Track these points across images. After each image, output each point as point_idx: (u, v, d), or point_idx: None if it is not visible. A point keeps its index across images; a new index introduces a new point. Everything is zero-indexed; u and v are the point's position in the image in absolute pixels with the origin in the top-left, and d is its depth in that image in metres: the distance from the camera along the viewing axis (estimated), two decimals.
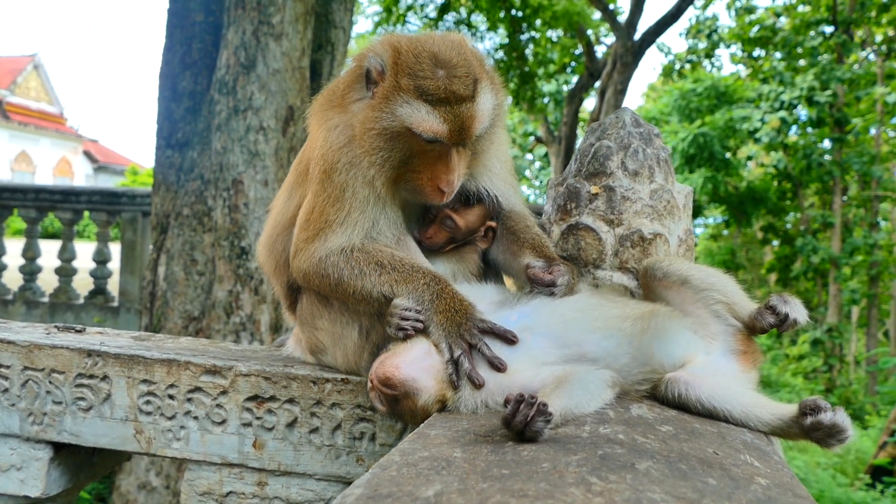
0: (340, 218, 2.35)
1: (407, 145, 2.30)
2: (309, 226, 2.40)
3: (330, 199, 2.36)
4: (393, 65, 2.28)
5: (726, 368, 2.13)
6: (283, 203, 2.72)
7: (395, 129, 2.27)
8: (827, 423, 1.86)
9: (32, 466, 2.76)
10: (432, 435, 1.75)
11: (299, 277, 2.48)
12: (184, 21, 7.30)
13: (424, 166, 2.32)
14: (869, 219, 23.94)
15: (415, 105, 2.23)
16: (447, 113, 2.22)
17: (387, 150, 2.30)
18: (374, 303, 2.29)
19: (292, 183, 2.69)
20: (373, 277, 2.28)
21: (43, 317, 10.24)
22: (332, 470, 2.56)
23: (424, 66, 2.23)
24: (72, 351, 2.73)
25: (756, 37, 25.06)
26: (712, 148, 22.73)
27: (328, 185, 2.37)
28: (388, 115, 2.27)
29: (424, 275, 2.26)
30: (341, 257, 2.33)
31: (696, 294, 2.17)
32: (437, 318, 2.15)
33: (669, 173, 2.57)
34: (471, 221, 2.53)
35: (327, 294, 2.45)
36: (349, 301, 2.37)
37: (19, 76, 47.09)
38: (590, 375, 1.97)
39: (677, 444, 1.68)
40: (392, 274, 2.27)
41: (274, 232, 2.74)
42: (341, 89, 2.48)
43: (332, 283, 2.34)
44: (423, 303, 2.19)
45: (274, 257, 2.74)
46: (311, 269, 2.38)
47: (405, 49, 2.28)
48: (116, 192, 10.77)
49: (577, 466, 1.44)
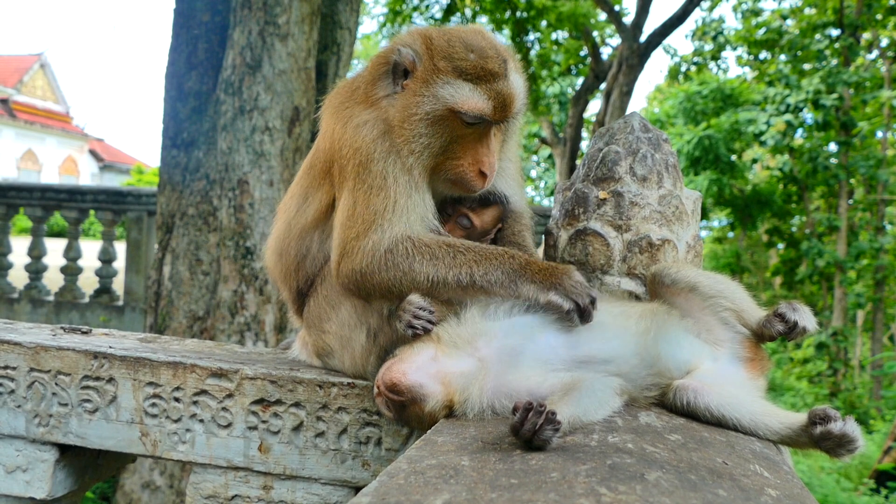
0: (389, 206, 2.27)
1: (448, 130, 2.29)
2: (356, 222, 2.29)
3: (373, 190, 2.29)
4: (426, 51, 2.30)
5: (734, 376, 2.12)
6: (296, 207, 2.62)
7: (437, 113, 2.27)
8: (837, 432, 1.85)
9: (38, 468, 2.76)
10: (440, 442, 1.74)
11: (351, 281, 2.32)
12: (190, 21, 7.30)
13: (465, 151, 2.32)
14: (875, 222, 23.84)
15: (456, 85, 2.25)
16: (488, 90, 2.25)
17: (428, 136, 2.29)
18: (451, 289, 2.19)
19: (307, 187, 2.60)
20: (447, 260, 2.21)
21: (48, 315, 10.26)
22: (338, 474, 2.56)
23: (458, 49, 2.27)
24: (78, 353, 2.72)
25: (762, 39, 24.99)
26: (718, 150, 22.67)
27: (367, 176, 2.30)
28: (429, 99, 2.27)
29: (503, 251, 2.22)
30: (408, 244, 2.24)
31: (704, 301, 2.16)
32: (536, 277, 2.12)
33: (678, 179, 2.55)
34: (486, 222, 2.53)
35: (387, 290, 2.28)
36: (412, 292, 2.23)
37: (26, 75, 47.27)
38: (598, 383, 1.96)
39: (686, 454, 1.67)
40: (468, 254, 2.21)
41: (287, 237, 2.64)
42: (364, 87, 2.45)
43: (400, 275, 2.23)
44: (512, 272, 2.14)
45: (284, 263, 2.66)
46: (374, 265, 2.25)
47: (435, 36, 2.32)
48: (122, 191, 10.79)
49: (586, 476, 1.43)
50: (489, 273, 2.16)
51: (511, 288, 2.14)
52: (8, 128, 44.80)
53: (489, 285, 2.16)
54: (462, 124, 2.28)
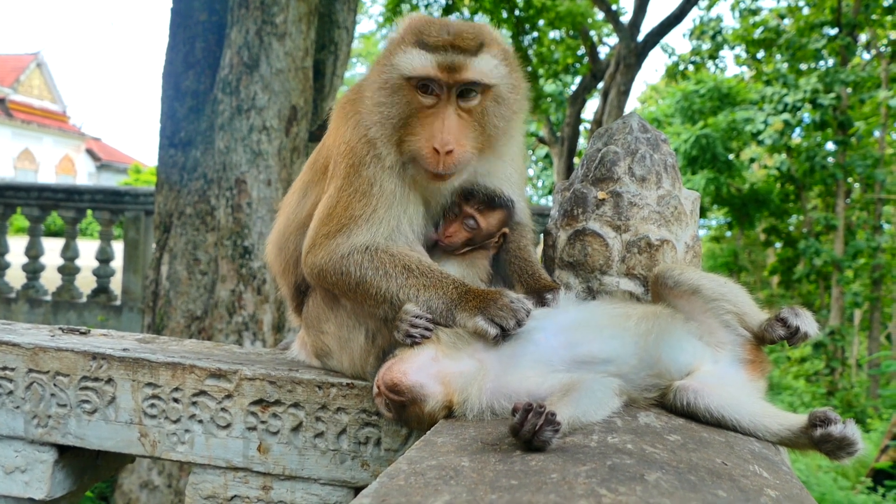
0: (367, 214, 2.30)
1: (405, 100, 2.28)
2: (331, 220, 2.34)
3: (357, 194, 2.31)
4: (405, 29, 2.33)
5: (734, 377, 2.12)
6: (296, 202, 2.67)
7: (394, 82, 2.28)
8: (837, 435, 1.85)
9: (37, 469, 2.76)
10: (440, 443, 1.74)
11: (312, 274, 2.40)
12: (187, 20, 7.30)
13: (422, 127, 2.27)
14: (872, 222, 23.90)
15: (411, 52, 2.25)
16: (441, 57, 2.21)
17: (387, 105, 2.29)
18: (394, 306, 2.24)
19: (307, 182, 2.64)
20: (399, 279, 2.24)
21: (46, 315, 10.25)
22: (337, 475, 2.56)
23: (433, 28, 2.28)
24: (76, 354, 2.72)
25: (760, 38, 25.02)
26: (715, 149, 22.68)
27: (355, 179, 2.32)
28: (388, 68, 2.29)
29: (452, 280, 2.25)
30: (366, 256, 2.28)
31: (706, 304, 2.16)
32: (469, 304, 2.14)
33: (677, 179, 2.56)
34: (492, 224, 2.53)
35: (341, 293, 2.38)
36: (365, 302, 2.31)
37: (22, 74, 47.16)
38: (597, 383, 1.96)
39: (686, 455, 1.67)
40: (420, 278, 2.24)
41: (286, 231, 2.69)
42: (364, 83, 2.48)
43: (352, 283, 2.29)
44: (450, 302, 2.17)
45: (284, 257, 2.70)
46: (330, 266, 2.32)
47: (421, 20, 2.35)
48: (119, 190, 10.78)
49: (586, 478, 1.43)
50: (431, 300, 2.21)
51: (448, 316, 2.18)
52: (4, 127, 44.70)
53: (430, 311, 2.20)
54: (417, 93, 2.26)
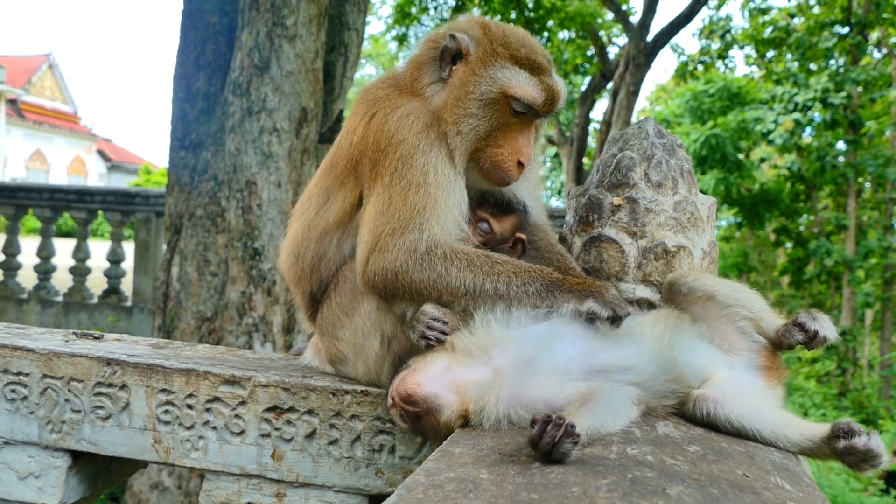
0: (430, 204, 2.22)
1: (497, 115, 2.33)
2: (392, 218, 2.22)
3: (412, 186, 2.23)
4: (484, 36, 2.37)
5: (752, 385, 2.09)
6: (316, 208, 2.55)
7: (491, 95, 2.31)
8: (861, 448, 1.82)
9: (51, 474, 2.76)
10: (457, 453, 1.72)
11: (381, 279, 2.24)
12: (198, 22, 7.31)
13: (506, 140, 2.35)
14: (883, 221, 23.73)
15: (513, 70, 2.32)
16: (540, 81, 2.33)
17: (478, 117, 2.31)
18: (476, 298, 2.16)
19: (327, 187, 2.52)
20: (486, 268, 2.19)
21: (57, 316, 10.30)
22: (351, 482, 2.55)
23: (512, 39, 2.36)
24: (91, 359, 2.72)
25: (770, 38, 24.87)
26: (724, 149, 22.59)
27: (407, 171, 2.25)
28: (486, 80, 2.31)
29: (535, 266, 2.22)
30: (448, 248, 2.21)
31: (721, 310, 2.13)
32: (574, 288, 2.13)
33: (693, 184, 2.53)
34: (505, 229, 2.52)
35: (417, 292, 2.22)
36: (440, 298, 2.19)
37: (34, 75, 47.40)
38: (614, 392, 1.94)
39: (707, 466, 1.65)
40: (506, 265, 2.20)
41: (306, 239, 2.57)
42: (408, 76, 2.46)
43: (436, 277, 2.18)
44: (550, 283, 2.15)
45: (301, 264, 2.59)
46: (410, 265, 2.19)
47: (492, 25, 2.40)
48: (130, 192, 10.83)
49: (607, 492, 1.41)
50: (528, 284, 2.16)
51: (547, 297, 2.13)
52: (17, 128, 44.93)
53: (525, 296, 2.15)
54: (509, 112, 2.33)
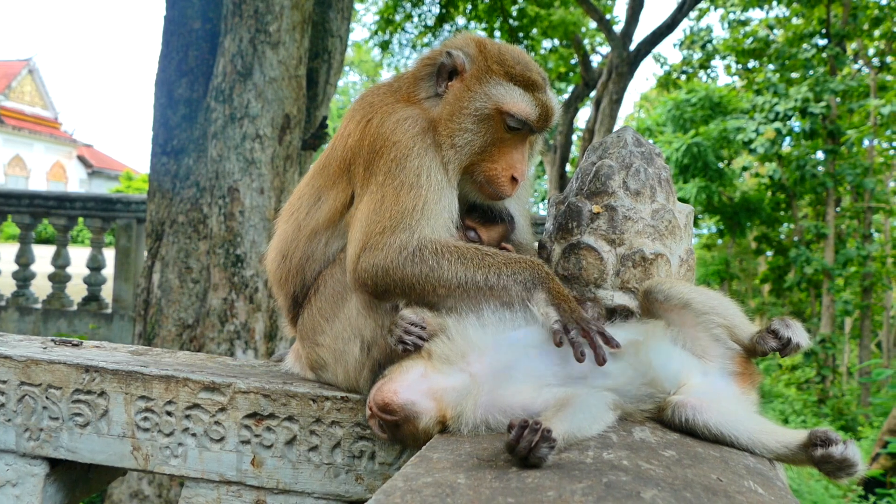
0: (419, 206, 2.27)
1: (491, 130, 2.38)
2: (383, 217, 2.26)
3: (404, 187, 2.28)
4: (480, 54, 2.43)
5: (727, 391, 2.12)
6: (307, 208, 2.58)
7: (485, 111, 2.37)
8: (838, 457, 1.84)
9: (28, 482, 2.74)
10: (435, 459, 1.74)
11: (371, 276, 2.27)
12: (181, 28, 7.29)
13: (500, 155, 2.41)
14: (862, 230, 24.02)
15: (507, 87, 2.38)
16: (535, 98, 2.40)
17: (472, 132, 2.37)
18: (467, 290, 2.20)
19: (319, 187, 2.56)
20: (476, 260, 2.22)
21: (36, 323, 10.18)
22: (331, 489, 2.55)
23: (508, 57, 2.42)
24: (69, 366, 2.70)
25: (750, 48, 25.20)
26: (706, 158, 22.79)
27: (400, 172, 2.29)
28: (480, 96, 2.37)
29: (524, 259, 2.25)
30: (438, 245, 2.25)
31: (697, 317, 2.16)
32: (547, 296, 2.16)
33: (671, 193, 2.57)
34: (492, 238, 2.55)
35: (409, 287, 2.25)
36: (432, 294, 2.23)
37: (14, 80, 47.00)
38: (591, 398, 1.96)
39: (681, 471, 1.67)
40: (496, 257, 2.24)
41: (296, 238, 2.59)
42: (406, 87, 2.52)
43: (427, 271, 2.21)
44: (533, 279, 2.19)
45: (288, 264, 2.61)
46: (400, 261, 2.22)
47: (487, 43, 2.47)
48: (111, 198, 10.74)
49: (582, 495, 1.43)
50: (517, 273, 2.21)
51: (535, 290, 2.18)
52: None
53: (514, 284, 2.19)
54: (504, 127, 2.38)
